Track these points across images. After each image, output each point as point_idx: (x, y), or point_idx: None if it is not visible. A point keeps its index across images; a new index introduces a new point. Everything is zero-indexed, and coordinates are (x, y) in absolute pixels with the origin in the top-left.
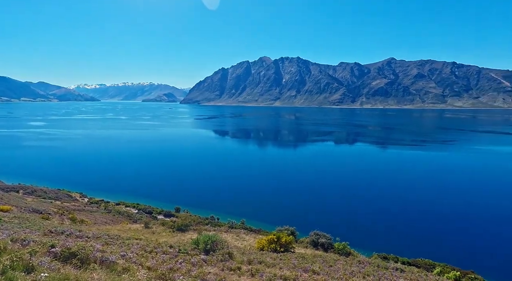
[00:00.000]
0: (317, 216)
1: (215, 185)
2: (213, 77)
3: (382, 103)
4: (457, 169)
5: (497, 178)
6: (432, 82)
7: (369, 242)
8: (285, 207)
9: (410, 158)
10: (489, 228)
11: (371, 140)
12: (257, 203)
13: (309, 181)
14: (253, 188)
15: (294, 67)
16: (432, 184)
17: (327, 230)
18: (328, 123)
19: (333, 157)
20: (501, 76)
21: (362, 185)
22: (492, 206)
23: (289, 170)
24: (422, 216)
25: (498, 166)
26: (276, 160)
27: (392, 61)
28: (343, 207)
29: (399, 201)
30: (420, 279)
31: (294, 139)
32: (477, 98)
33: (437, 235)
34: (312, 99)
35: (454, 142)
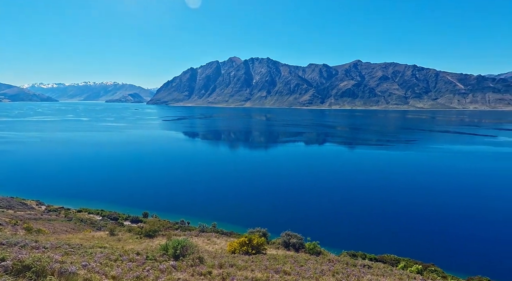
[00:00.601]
0: (289, 217)
1: (185, 188)
2: (182, 77)
3: (349, 104)
4: (419, 168)
5: (454, 177)
6: (395, 84)
7: (339, 240)
8: (257, 209)
9: (377, 158)
10: (448, 224)
11: (340, 140)
12: (228, 205)
13: (280, 182)
14: (225, 191)
15: (264, 67)
16: (396, 182)
17: (298, 230)
18: (299, 124)
19: (303, 157)
20: (456, 79)
21: (331, 185)
22: (451, 203)
23: (261, 171)
24: (388, 214)
25: (454, 165)
26: (247, 162)
27: (358, 63)
28: (314, 207)
29: (366, 200)
30: (385, 274)
31: (265, 140)
32: (436, 100)
33: (402, 231)
34: (283, 100)
35: (416, 141)
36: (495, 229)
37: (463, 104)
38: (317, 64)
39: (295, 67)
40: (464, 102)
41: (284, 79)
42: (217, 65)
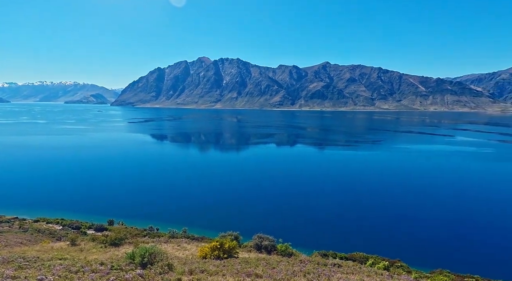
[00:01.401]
0: (261, 219)
1: (153, 193)
2: (149, 77)
3: (319, 106)
4: (385, 168)
5: (418, 175)
6: (362, 86)
7: (311, 241)
8: (229, 212)
9: (345, 158)
10: (412, 221)
11: (311, 141)
12: (200, 210)
13: (251, 185)
14: (195, 195)
15: (234, 68)
16: (364, 182)
17: (271, 232)
18: (270, 125)
19: (274, 159)
20: (418, 82)
21: (301, 186)
22: (415, 201)
23: (232, 174)
24: (357, 213)
25: (417, 164)
26: (218, 165)
27: (327, 65)
28: (286, 208)
29: (336, 200)
30: (354, 271)
31: (236, 142)
32: (400, 101)
33: (371, 230)
34: (253, 101)
35: (382, 141)
36: (454, 225)
37: (425, 105)
38: (287, 66)
39: (266, 68)
40: (426, 103)
41: (255, 80)
42: (186, 65)
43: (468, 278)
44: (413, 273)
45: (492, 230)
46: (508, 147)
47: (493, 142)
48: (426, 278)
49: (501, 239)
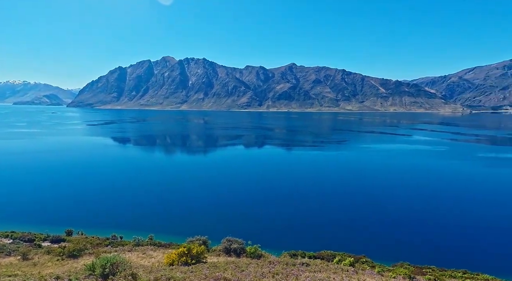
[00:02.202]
0: (230, 222)
1: (116, 200)
2: (109, 77)
3: (286, 107)
4: (350, 166)
5: (381, 173)
6: (327, 88)
7: (280, 241)
8: (197, 217)
9: (312, 158)
10: (376, 217)
11: (278, 142)
12: (166, 215)
13: (219, 187)
14: (161, 199)
15: (200, 68)
16: (330, 181)
17: (240, 235)
18: (238, 127)
19: (242, 160)
20: (378, 84)
21: (270, 186)
22: (378, 197)
23: (198, 176)
24: (325, 211)
25: (380, 162)
26: (184, 167)
27: (293, 66)
28: (255, 209)
29: (303, 199)
30: (322, 269)
31: (204, 144)
32: (362, 102)
33: (338, 227)
34: (221, 102)
35: (346, 141)
36: (413, 219)
37: (385, 106)
38: (254, 66)
39: (232, 68)
40: (386, 104)
41: (222, 81)
42: (149, 65)
43: (426, 268)
44: (377, 267)
45: (447, 223)
46: (459, 145)
47: (446, 141)
48: (388, 271)
49: (455, 231)
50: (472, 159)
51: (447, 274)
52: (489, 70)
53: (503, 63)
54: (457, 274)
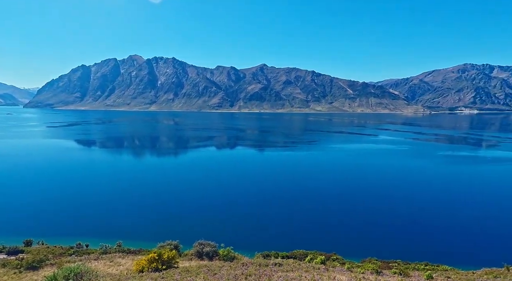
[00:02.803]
0: (203, 225)
1: (81, 206)
2: (71, 76)
3: (258, 107)
4: (321, 166)
5: (349, 172)
6: (298, 89)
7: (254, 242)
8: (168, 221)
9: (283, 158)
10: (345, 214)
11: (250, 143)
12: (135, 220)
13: (189, 189)
14: (129, 204)
15: (170, 68)
16: (301, 181)
17: (213, 238)
18: (210, 128)
19: (214, 161)
20: (346, 85)
21: (242, 187)
22: (347, 195)
23: (169, 179)
24: (296, 211)
25: (350, 162)
26: (154, 169)
27: (264, 67)
28: (227, 211)
29: (275, 199)
30: (294, 269)
31: (174, 146)
32: (331, 103)
33: (310, 226)
34: (191, 103)
35: (317, 142)
36: (380, 216)
37: (353, 107)
38: (225, 67)
39: (203, 68)
40: (354, 105)
41: (192, 81)
42: (116, 63)
43: (392, 263)
44: (346, 264)
45: (411, 218)
46: (420, 144)
47: (408, 140)
48: (357, 267)
49: (418, 226)
50: (432, 157)
51: (411, 267)
52: (446, 74)
53: (458, 67)
54: (420, 266)
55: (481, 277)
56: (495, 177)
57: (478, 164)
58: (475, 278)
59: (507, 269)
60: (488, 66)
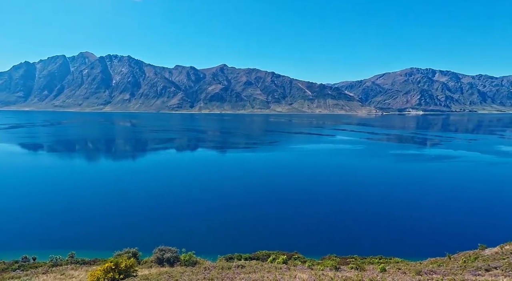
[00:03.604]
0: (163, 230)
1: (25, 216)
2: (13, 74)
3: (219, 108)
4: (281, 166)
5: (309, 173)
6: (258, 90)
7: (217, 246)
8: (124, 228)
9: (244, 159)
10: (306, 213)
11: (212, 145)
12: (89, 229)
13: (147, 194)
14: (81, 212)
15: (125, 67)
16: (265, 182)
17: (174, 243)
18: (169, 130)
19: (172, 164)
20: (305, 86)
21: (202, 190)
22: (307, 195)
23: (124, 184)
24: (258, 211)
25: (309, 162)
26: (108, 174)
27: (224, 67)
28: (187, 215)
29: (237, 201)
30: (256, 270)
31: (130, 149)
32: (291, 104)
33: (273, 226)
34: (149, 103)
35: (278, 143)
36: (338, 215)
37: (312, 108)
38: (184, 66)
39: (161, 68)
40: (312, 106)
41: (150, 81)
42: (64, 61)
43: (350, 258)
44: (307, 262)
45: (366, 215)
46: (374, 144)
47: (363, 140)
48: (317, 264)
49: (372, 222)
50: (384, 156)
51: (367, 261)
52: (395, 77)
53: (405, 71)
54: (375, 260)
55: (427, 267)
56: (438, 173)
57: (424, 161)
58: (422, 268)
59: (449, 257)
60: (431, 70)
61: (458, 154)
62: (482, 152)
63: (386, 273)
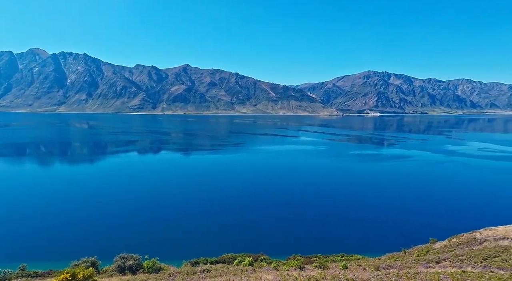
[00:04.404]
0: (124, 237)
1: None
2: None
3: (182, 110)
4: (245, 169)
5: (273, 175)
6: (222, 91)
7: (181, 250)
8: (82, 236)
9: (209, 162)
10: (271, 214)
11: (175, 147)
12: (42, 238)
13: (107, 199)
14: (33, 220)
15: (81, 65)
16: (226, 183)
17: (136, 250)
18: (130, 132)
19: (132, 168)
20: (269, 88)
21: (165, 194)
22: (273, 196)
23: (79, 189)
24: (222, 214)
25: (272, 163)
26: (61, 180)
27: (187, 67)
28: (149, 220)
29: (199, 204)
30: (222, 273)
31: (88, 153)
32: (255, 106)
33: (238, 228)
34: (108, 104)
35: (243, 144)
36: (303, 214)
37: (275, 109)
38: (145, 66)
39: (121, 67)
40: (276, 108)
41: (108, 80)
42: (11, 57)
43: (314, 257)
44: (273, 263)
45: (329, 214)
46: (335, 144)
47: (325, 141)
48: (283, 265)
49: (334, 221)
50: (345, 156)
51: (330, 259)
52: (354, 79)
53: (363, 73)
54: (337, 258)
55: (385, 262)
56: (394, 173)
57: (381, 161)
58: (381, 263)
59: (404, 252)
60: (387, 74)
61: (411, 154)
62: (433, 152)
63: (347, 270)
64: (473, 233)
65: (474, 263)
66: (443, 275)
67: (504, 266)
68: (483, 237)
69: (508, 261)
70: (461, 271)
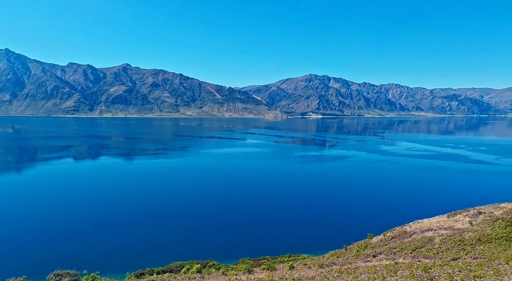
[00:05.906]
0: (58, 252)
1: None
2: None
3: (123, 112)
4: (191, 174)
5: (219, 178)
6: (166, 92)
7: (125, 262)
8: (8, 253)
9: (152, 167)
10: (218, 219)
11: (116, 152)
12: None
13: (36, 211)
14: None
15: (3, 62)
16: (168, 189)
17: (73, 265)
18: (64, 136)
19: (66, 176)
20: (214, 90)
21: (101, 203)
22: (219, 201)
23: (9, 200)
24: (166, 221)
25: (218, 166)
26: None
27: (128, 67)
28: (88, 231)
29: (142, 212)
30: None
31: (13, 160)
32: (201, 108)
33: (183, 235)
34: (38, 106)
35: (189, 148)
36: (250, 217)
37: (221, 112)
38: (80, 64)
39: (51, 65)
40: (222, 110)
41: (37, 80)
42: None
43: (262, 259)
44: (222, 268)
45: (275, 216)
46: (280, 146)
47: (271, 143)
48: (232, 269)
49: (280, 222)
50: (289, 158)
51: (278, 260)
52: (297, 82)
53: (305, 77)
54: (285, 258)
55: (328, 259)
56: (334, 173)
57: (322, 162)
58: (324, 261)
59: (345, 248)
60: (327, 77)
61: (350, 154)
62: (368, 152)
63: (294, 270)
64: (404, 226)
65: (405, 255)
66: (379, 267)
67: (429, 255)
68: (412, 229)
69: (431, 250)
70: (394, 263)
